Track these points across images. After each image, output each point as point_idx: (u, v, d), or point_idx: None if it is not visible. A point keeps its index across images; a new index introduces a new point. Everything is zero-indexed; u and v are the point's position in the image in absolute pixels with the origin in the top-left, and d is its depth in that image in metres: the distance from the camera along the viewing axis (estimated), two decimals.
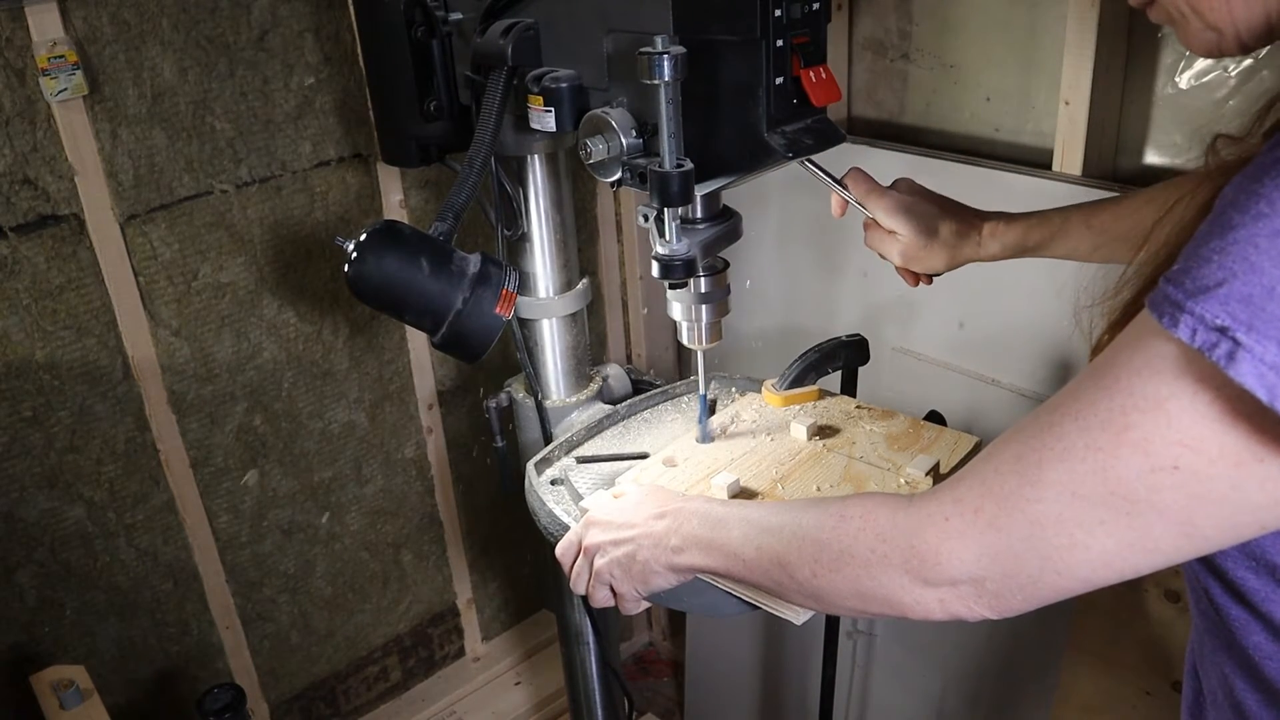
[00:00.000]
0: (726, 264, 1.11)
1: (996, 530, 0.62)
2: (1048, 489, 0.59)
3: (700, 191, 0.99)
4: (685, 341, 1.14)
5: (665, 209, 0.97)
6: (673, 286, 1.07)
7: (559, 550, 1.00)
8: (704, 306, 1.11)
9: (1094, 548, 0.59)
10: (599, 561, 0.94)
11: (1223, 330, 0.49)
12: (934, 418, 1.21)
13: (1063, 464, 0.58)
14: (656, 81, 0.88)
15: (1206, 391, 0.52)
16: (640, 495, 0.98)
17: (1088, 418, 0.57)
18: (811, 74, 0.96)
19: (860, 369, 1.26)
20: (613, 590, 0.95)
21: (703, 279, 1.09)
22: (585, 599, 0.97)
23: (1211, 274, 0.50)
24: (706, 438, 1.17)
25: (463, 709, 2.06)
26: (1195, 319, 0.51)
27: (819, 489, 1.07)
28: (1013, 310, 1.46)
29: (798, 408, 1.23)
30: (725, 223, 1.07)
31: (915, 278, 1.11)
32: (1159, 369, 0.54)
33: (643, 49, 0.87)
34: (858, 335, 1.22)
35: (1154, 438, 0.54)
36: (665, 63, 0.87)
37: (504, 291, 1.01)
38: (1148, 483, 0.55)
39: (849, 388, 1.26)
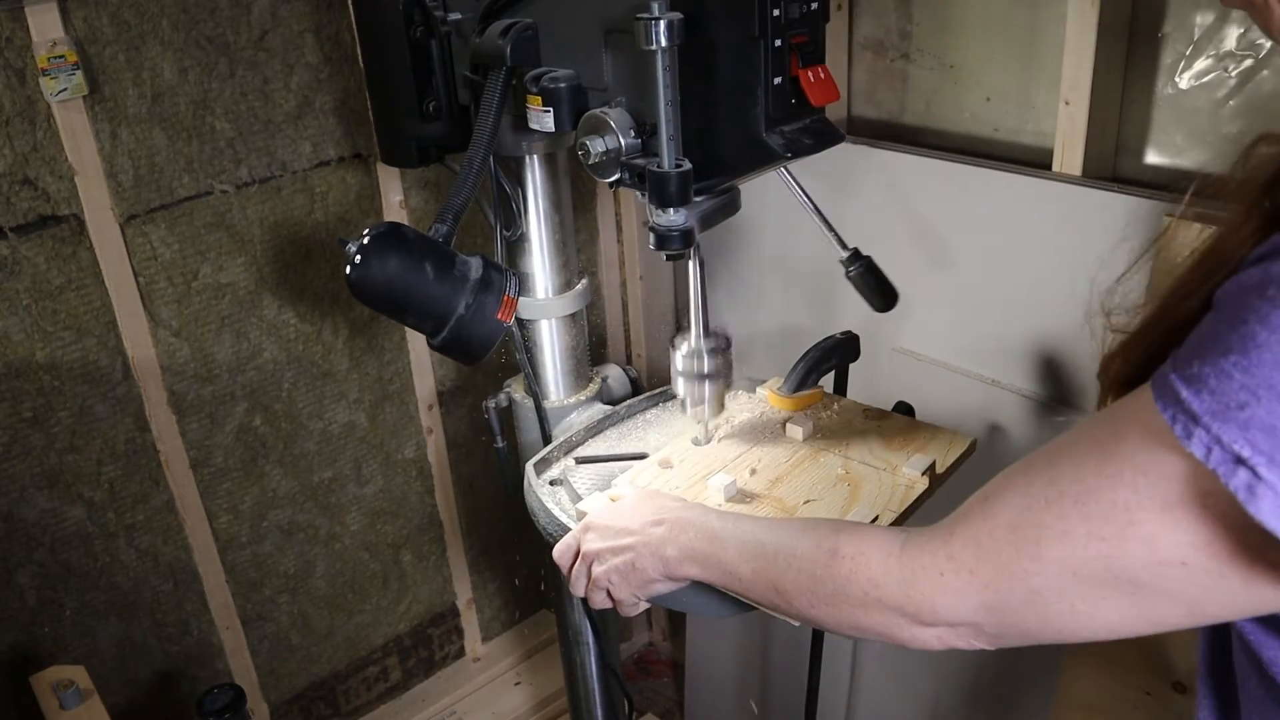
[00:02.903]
0: (729, 341, 1.13)
1: (994, 592, 0.62)
2: (1047, 565, 0.58)
3: (699, 193, 0.99)
4: (687, 411, 1.15)
5: None
6: (670, 258, 1.07)
7: (556, 553, 1.00)
8: (707, 382, 1.12)
9: (1098, 618, 0.58)
10: (597, 570, 0.94)
11: (1241, 460, 0.47)
12: (902, 408, 1.22)
13: (1062, 545, 0.57)
14: (653, 47, 0.87)
15: (1218, 506, 0.50)
16: (636, 499, 0.97)
17: (1089, 505, 0.55)
18: (810, 74, 0.96)
19: (861, 370, 1.26)
20: (610, 594, 0.95)
21: (707, 358, 1.11)
22: (584, 600, 0.97)
23: (1233, 393, 0.47)
24: (704, 439, 1.17)
25: (463, 709, 2.06)
26: (1211, 438, 0.48)
27: (815, 486, 1.07)
28: (1013, 311, 1.46)
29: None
30: (724, 194, 1.06)
31: None
32: (1167, 475, 0.52)
33: (639, 14, 0.87)
34: (850, 333, 1.22)
35: (1161, 537, 0.52)
36: (662, 27, 0.87)
37: (506, 298, 1.01)
38: (1154, 573, 0.54)
39: (841, 386, 1.27)
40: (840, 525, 0.77)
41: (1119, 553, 0.54)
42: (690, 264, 1.09)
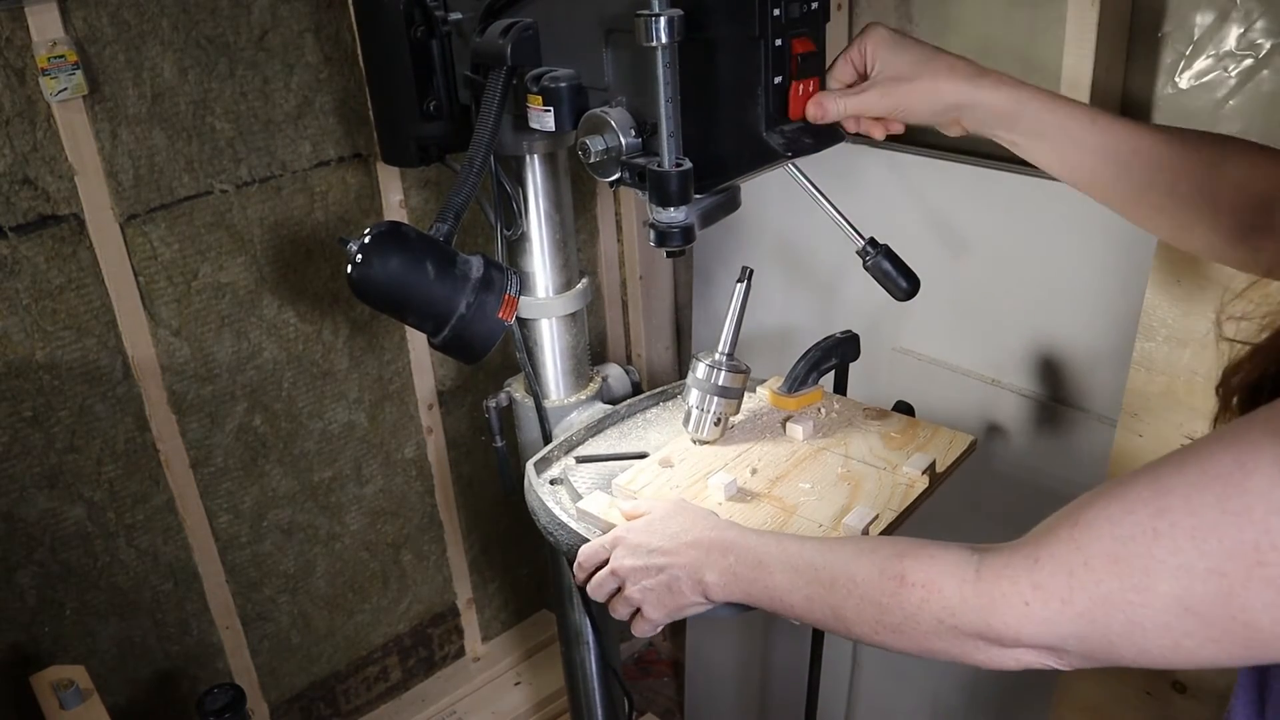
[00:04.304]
0: (749, 372, 1.15)
1: (1090, 622, 0.59)
2: (1157, 599, 0.55)
3: (699, 192, 0.99)
4: (690, 429, 1.16)
5: None
6: (670, 255, 1.07)
7: (582, 556, 0.97)
8: (718, 399, 1.13)
9: (1200, 656, 0.55)
10: (631, 590, 0.91)
11: None
12: (902, 408, 1.22)
13: (1178, 580, 0.54)
14: (653, 44, 0.87)
15: None
16: (666, 512, 0.94)
17: (1210, 542, 0.52)
18: (800, 86, 0.96)
19: (861, 369, 1.26)
20: (641, 612, 0.93)
21: (726, 372, 1.12)
22: (584, 598, 0.97)
23: None
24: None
25: (463, 709, 2.06)
26: None
27: (816, 485, 1.07)
28: (1013, 310, 1.46)
29: None
30: (724, 192, 1.06)
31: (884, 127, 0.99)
32: None
33: (640, 11, 0.87)
34: (850, 332, 1.22)
35: None
36: (662, 23, 0.87)
37: (506, 297, 1.01)
38: (1275, 616, 0.51)
39: (841, 385, 1.27)
40: (902, 548, 0.72)
41: (1242, 592, 0.52)
42: (737, 285, 1.10)
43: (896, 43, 0.93)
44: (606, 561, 0.95)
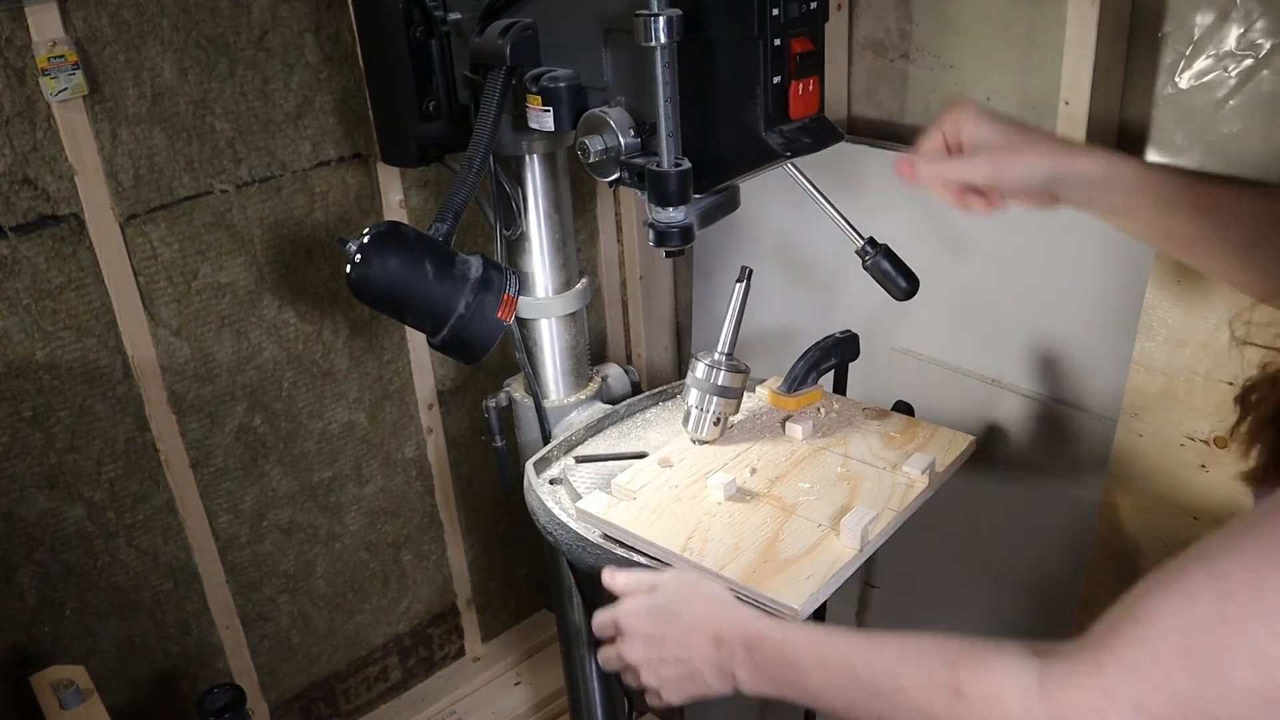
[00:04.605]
0: (749, 371, 1.15)
1: None
2: (1234, 692, 0.53)
3: (698, 192, 0.99)
4: (689, 428, 1.17)
5: None
6: (670, 254, 1.07)
7: (596, 624, 0.94)
8: (717, 398, 1.13)
9: None
10: (648, 679, 0.89)
11: None
12: (901, 407, 1.22)
13: (1254, 667, 0.52)
14: (652, 44, 0.88)
15: None
16: (671, 594, 0.89)
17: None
18: (799, 86, 0.96)
19: (860, 369, 1.26)
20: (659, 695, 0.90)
21: (725, 372, 1.13)
22: (585, 601, 0.97)
23: None
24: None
25: (463, 709, 2.06)
26: None
27: (815, 485, 1.07)
28: (1013, 310, 1.46)
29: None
30: (723, 192, 1.06)
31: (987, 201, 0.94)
32: None
33: (639, 11, 0.87)
34: (849, 332, 1.22)
35: None
36: (661, 23, 0.87)
37: (505, 297, 1.01)
38: None
39: (840, 385, 1.27)
40: (952, 653, 0.67)
41: None
42: (737, 284, 1.11)
43: (990, 117, 0.92)
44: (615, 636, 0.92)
